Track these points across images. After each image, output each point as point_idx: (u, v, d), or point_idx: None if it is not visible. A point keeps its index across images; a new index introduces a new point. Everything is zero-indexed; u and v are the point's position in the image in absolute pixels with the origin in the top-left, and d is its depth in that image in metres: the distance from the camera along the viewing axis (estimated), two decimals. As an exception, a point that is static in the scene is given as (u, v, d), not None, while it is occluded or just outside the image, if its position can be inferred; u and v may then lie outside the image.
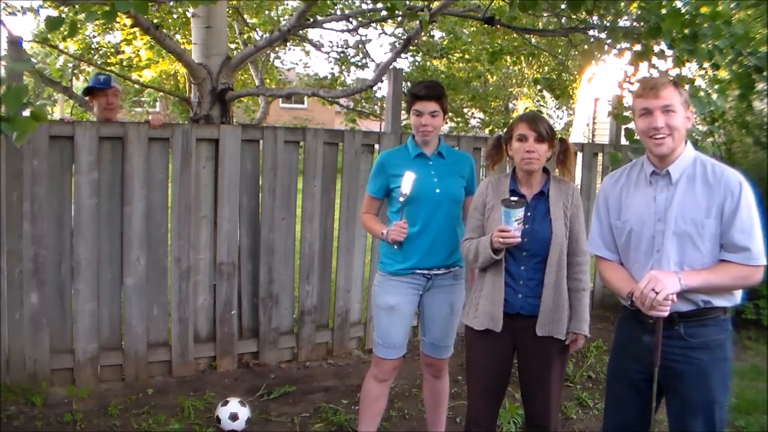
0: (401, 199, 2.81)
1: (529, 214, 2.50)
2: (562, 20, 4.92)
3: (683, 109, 2.18)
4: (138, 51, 8.25)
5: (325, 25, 5.63)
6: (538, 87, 13.30)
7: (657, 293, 2.05)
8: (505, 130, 2.72)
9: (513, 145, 2.57)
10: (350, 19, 6.49)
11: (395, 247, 2.85)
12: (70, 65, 7.51)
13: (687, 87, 2.31)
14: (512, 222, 2.41)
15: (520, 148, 2.52)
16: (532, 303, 2.53)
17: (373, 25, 6.92)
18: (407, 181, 2.79)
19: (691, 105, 2.29)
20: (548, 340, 2.53)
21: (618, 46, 4.01)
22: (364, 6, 7.61)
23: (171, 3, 6.31)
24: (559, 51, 8.07)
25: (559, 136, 2.65)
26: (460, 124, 9.23)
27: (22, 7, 6.69)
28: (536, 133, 2.50)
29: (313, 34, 18.23)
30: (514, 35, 6.99)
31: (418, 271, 2.89)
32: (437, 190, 2.86)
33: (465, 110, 9.69)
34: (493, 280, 2.55)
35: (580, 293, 2.58)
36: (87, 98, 4.34)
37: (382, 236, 2.88)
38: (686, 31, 3.40)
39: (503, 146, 2.68)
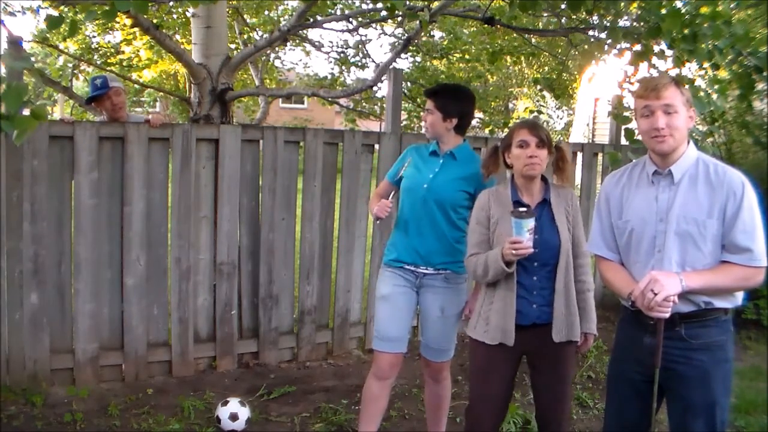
0: (396, 179, 3.01)
1: (536, 223, 2.48)
2: (562, 20, 4.91)
3: (685, 109, 2.16)
4: (138, 51, 8.25)
5: (325, 25, 5.63)
6: (538, 87, 13.33)
7: (656, 294, 2.04)
8: (503, 137, 2.70)
9: (513, 152, 2.53)
10: (350, 19, 6.48)
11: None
12: (70, 65, 7.51)
13: (687, 87, 2.30)
14: (524, 233, 2.37)
15: (521, 154, 2.49)
16: (547, 311, 2.52)
17: (373, 25, 6.91)
18: (405, 164, 3.01)
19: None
20: (563, 344, 2.53)
21: (618, 46, 4.00)
22: (364, 6, 7.60)
23: (171, 3, 6.30)
24: (559, 51, 8.07)
25: (555, 144, 2.62)
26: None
27: (22, 7, 6.69)
28: (538, 138, 2.48)
29: (313, 34, 18.28)
30: (514, 35, 6.99)
31: (407, 267, 2.93)
32: (425, 186, 2.88)
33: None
34: (504, 293, 2.51)
35: (586, 294, 2.60)
36: (93, 105, 4.30)
37: (372, 213, 3.01)
38: (686, 31, 3.39)
39: (500, 155, 2.65)
